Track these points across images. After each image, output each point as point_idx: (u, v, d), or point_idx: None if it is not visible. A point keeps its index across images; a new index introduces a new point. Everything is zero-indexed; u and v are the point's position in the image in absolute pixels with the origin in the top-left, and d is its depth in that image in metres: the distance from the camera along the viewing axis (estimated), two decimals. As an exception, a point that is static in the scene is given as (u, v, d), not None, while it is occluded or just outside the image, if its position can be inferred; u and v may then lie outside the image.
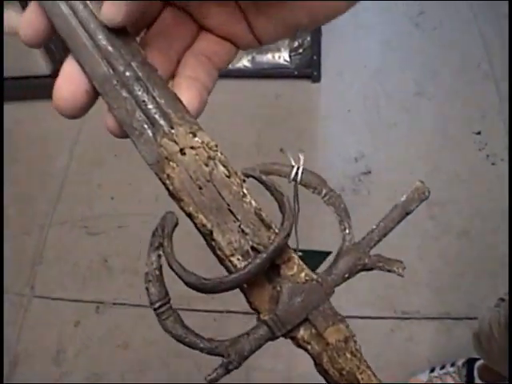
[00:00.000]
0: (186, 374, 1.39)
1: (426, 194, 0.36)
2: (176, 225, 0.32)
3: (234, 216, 0.32)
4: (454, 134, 1.77)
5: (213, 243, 0.32)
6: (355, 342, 0.35)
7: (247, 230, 0.32)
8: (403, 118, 1.81)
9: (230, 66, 0.37)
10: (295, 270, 0.34)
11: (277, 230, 0.33)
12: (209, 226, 0.31)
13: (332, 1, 0.32)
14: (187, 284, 0.32)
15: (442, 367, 1.38)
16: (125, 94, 0.31)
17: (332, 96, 1.92)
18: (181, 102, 0.32)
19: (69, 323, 1.51)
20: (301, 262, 0.34)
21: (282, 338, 0.34)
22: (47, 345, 1.48)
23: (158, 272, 0.33)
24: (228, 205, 0.32)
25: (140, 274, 1.70)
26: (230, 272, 0.32)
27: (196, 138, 0.32)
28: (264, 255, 0.32)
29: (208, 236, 0.32)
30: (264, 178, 0.34)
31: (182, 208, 0.32)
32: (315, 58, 1.84)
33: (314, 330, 0.34)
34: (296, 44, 1.87)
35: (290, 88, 1.92)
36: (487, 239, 1.54)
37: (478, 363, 1.32)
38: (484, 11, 2.08)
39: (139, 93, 0.31)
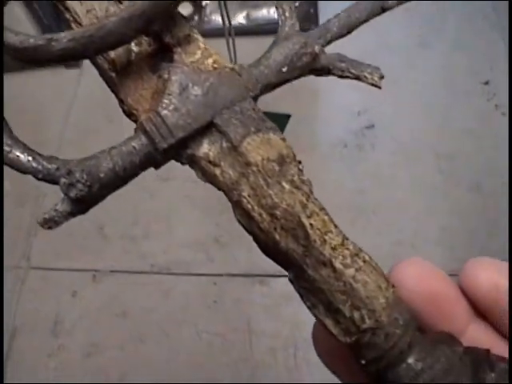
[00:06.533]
0: (187, 342, 1.33)
1: None
2: None
3: None
4: (460, 85, 1.68)
5: None
6: (301, 170, 0.21)
7: None
8: (407, 71, 1.72)
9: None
10: (198, 55, 0.22)
11: None
12: None
13: None
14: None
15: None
16: None
17: (331, 50, 1.81)
18: None
19: (66, 293, 1.46)
20: (210, 48, 0.22)
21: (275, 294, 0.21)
22: (45, 316, 1.43)
23: None
24: None
25: (137, 241, 1.63)
26: None
27: None
28: None
29: None
30: None
31: None
32: (312, 11, 1.75)
33: (225, 143, 0.21)
34: (292, -4, 1.78)
35: (288, 43, 1.83)
36: (499, 193, 1.47)
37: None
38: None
39: None
